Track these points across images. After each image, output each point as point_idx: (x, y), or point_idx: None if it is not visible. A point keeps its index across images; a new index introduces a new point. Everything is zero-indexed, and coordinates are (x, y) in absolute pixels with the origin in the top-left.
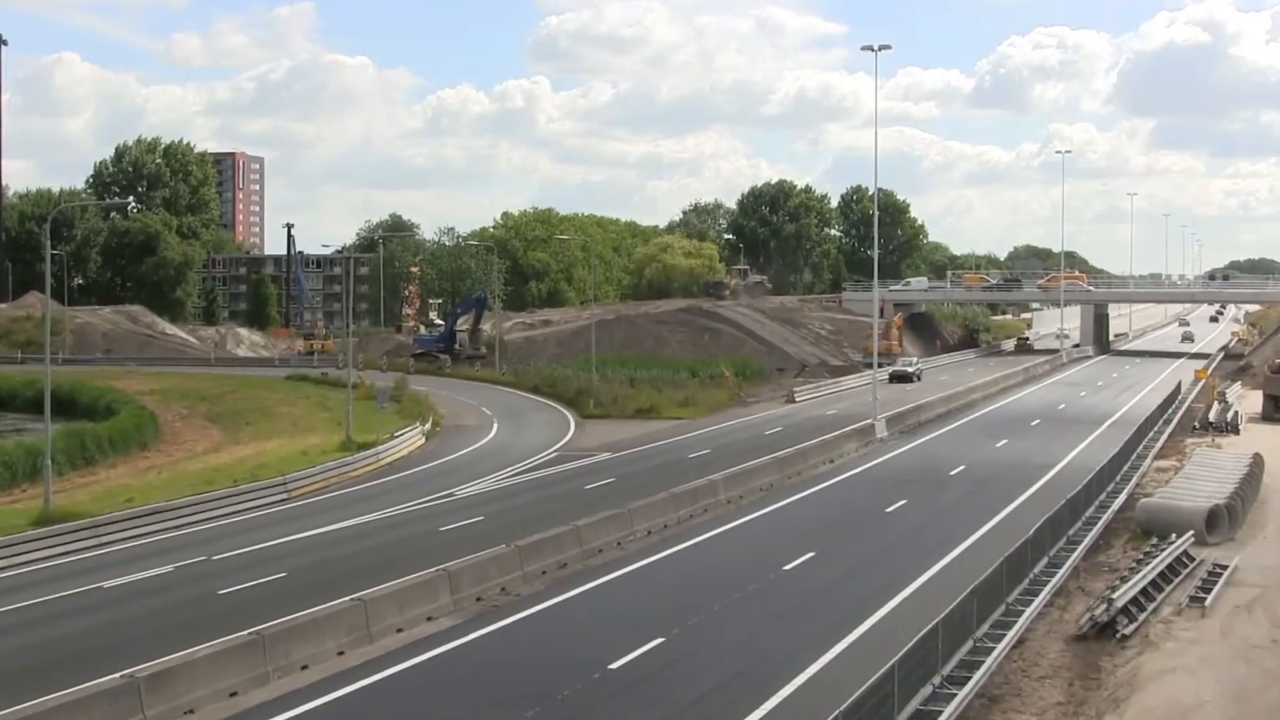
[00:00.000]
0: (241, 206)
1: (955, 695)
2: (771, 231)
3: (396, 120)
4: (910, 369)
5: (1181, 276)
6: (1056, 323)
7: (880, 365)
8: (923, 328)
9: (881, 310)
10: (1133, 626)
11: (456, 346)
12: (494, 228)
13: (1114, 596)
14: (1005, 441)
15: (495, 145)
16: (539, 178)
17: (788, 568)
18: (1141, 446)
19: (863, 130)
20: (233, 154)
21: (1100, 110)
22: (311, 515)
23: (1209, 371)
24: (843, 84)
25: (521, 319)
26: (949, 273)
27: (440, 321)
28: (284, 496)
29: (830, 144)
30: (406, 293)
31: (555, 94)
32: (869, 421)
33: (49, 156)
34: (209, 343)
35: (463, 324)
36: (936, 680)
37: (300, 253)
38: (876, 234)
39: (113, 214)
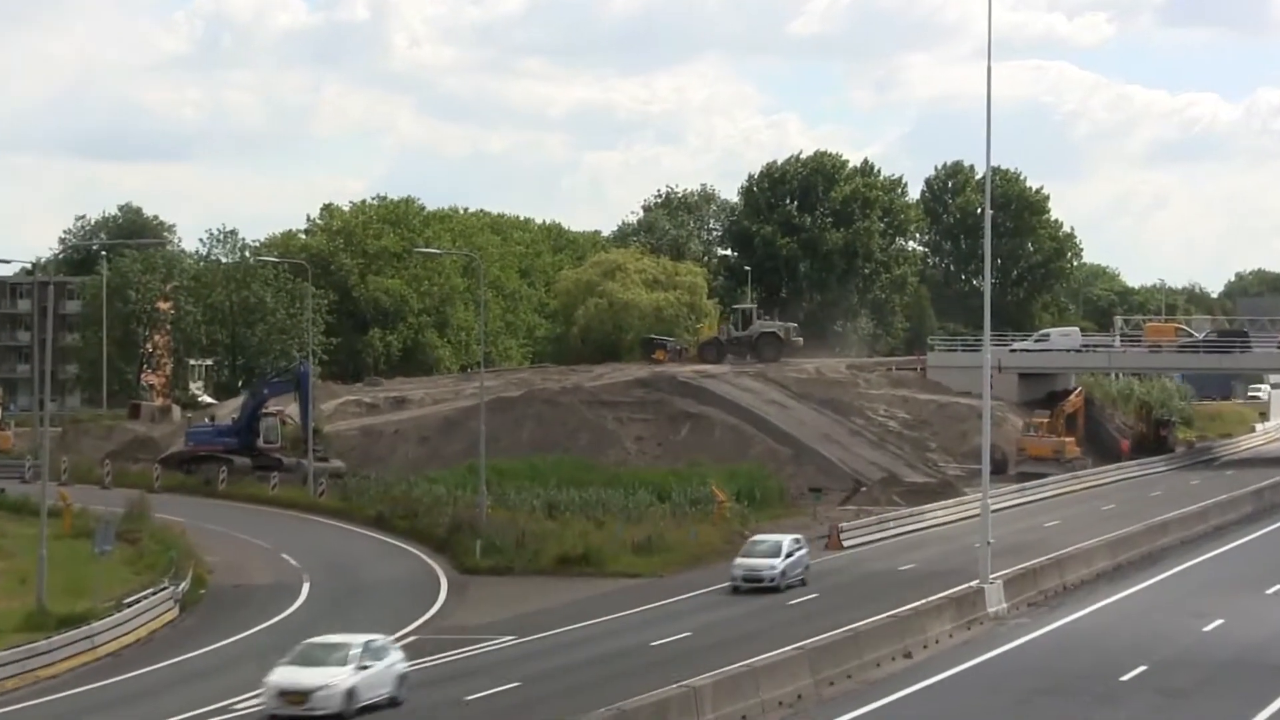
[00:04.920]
0: None
1: None
2: (802, 244)
3: (140, 39)
4: None
5: None
6: None
7: (1027, 475)
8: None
9: (993, 382)
10: None
11: (260, 443)
12: (309, 232)
13: None
14: (1220, 622)
15: (317, 86)
16: (392, 143)
17: None
18: None
19: (969, 65)
20: None
21: None
22: None
23: None
24: None
25: (356, 396)
26: (1118, 319)
27: (210, 399)
28: None
29: (912, 91)
30: (150, 347)
31: None
32: (975, 585)
33: None
34: None
35: (274, 407)
36: None
37: None
38: (989, 248)
39: None
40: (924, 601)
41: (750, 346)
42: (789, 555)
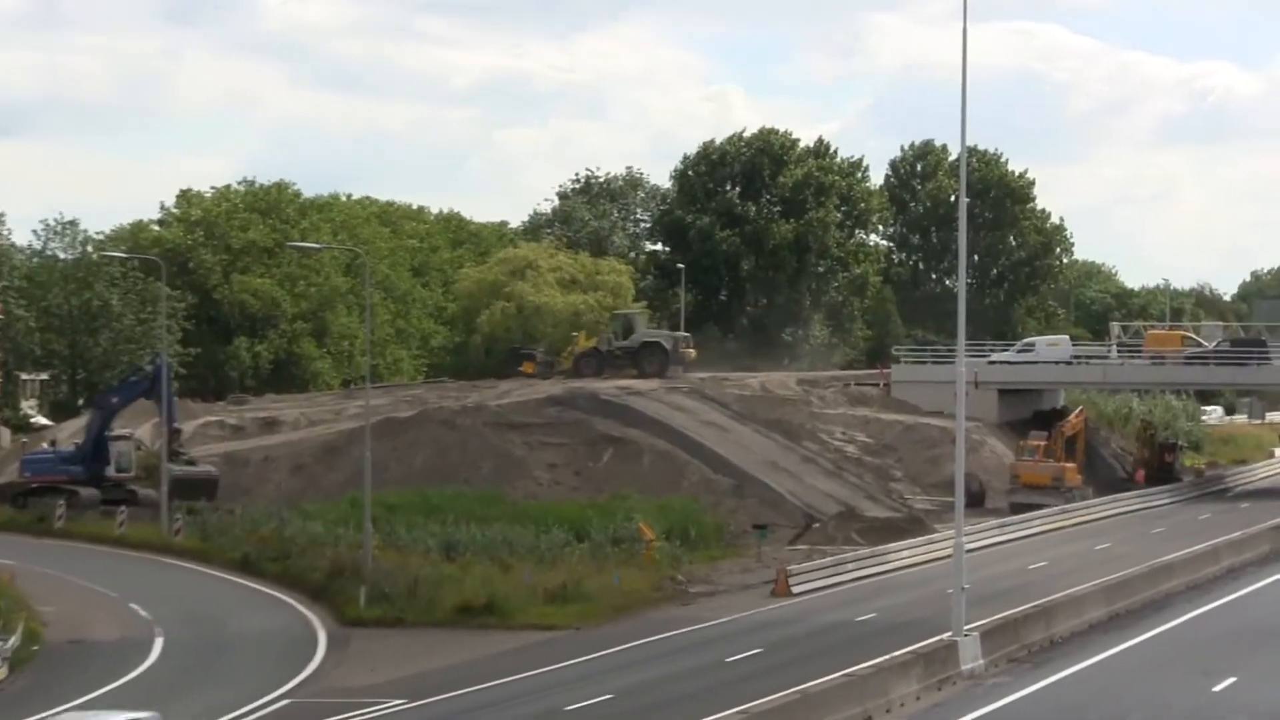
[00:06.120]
0: None
1: None
2: (745, 237)
3: None
4: None
5: None
6: None
7: (1021, 506)
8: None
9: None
10: None
11: (111, 471)
12: (163, 223)
13: None
14: (1232, 680)
15: (175, 50)
16: (263, 119)
17: None
18: None
19: (944, 27)
20: None
21: None
22: None
23: None
24: None
25: (218, 416)
26: (1115, 326)
27: (45, 420)
28: None
29: (876, 58)
30: None
31: None
32: (947, 638)
33: None
34: None
35: (125, 430)
36: None
37: None
38: (964, 242)
39: None
40: (887, 658)
41: (632, 358)
42: None
